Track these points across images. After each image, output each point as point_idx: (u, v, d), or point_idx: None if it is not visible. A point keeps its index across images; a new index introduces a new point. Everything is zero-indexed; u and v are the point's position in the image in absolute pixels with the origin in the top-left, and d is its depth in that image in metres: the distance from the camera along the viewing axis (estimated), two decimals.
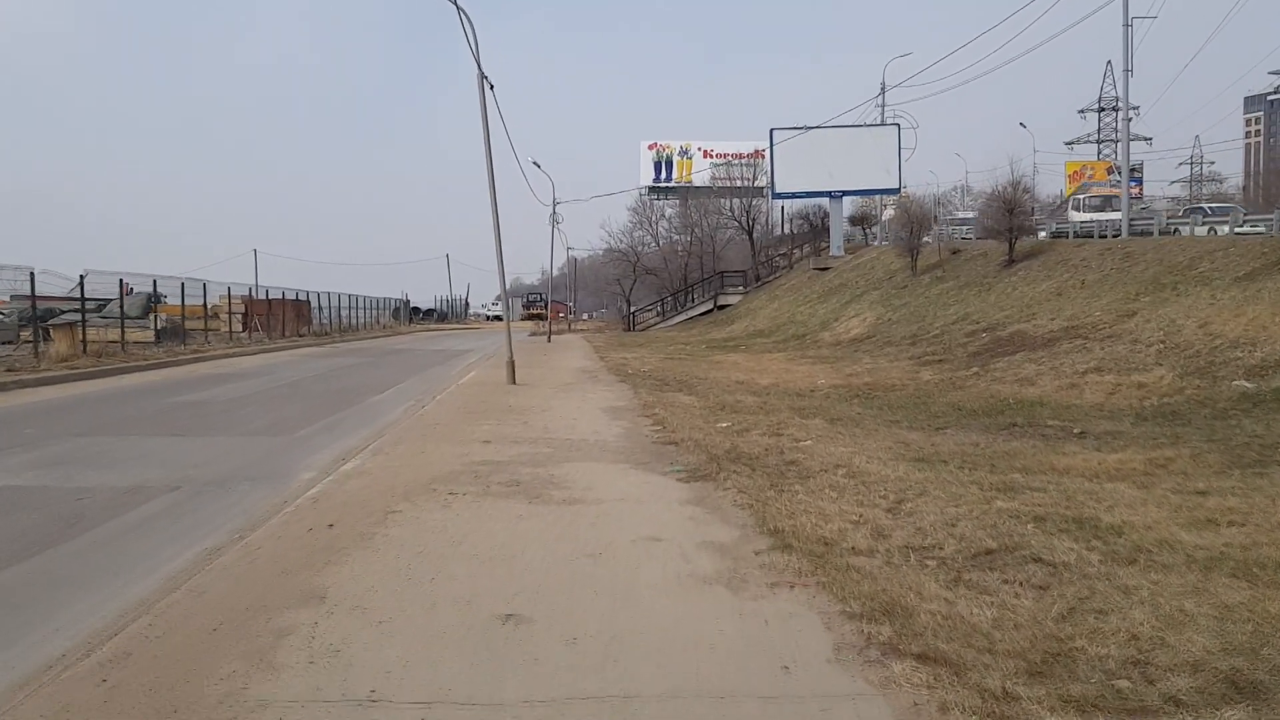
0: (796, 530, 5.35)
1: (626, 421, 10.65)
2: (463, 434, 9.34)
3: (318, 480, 7.08)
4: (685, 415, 11.43)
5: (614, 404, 12.59)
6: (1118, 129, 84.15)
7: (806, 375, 18.73)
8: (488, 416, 10.89)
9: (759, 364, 21.76)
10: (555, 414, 11.29)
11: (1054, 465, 8.15)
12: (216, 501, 6.73)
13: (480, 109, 14.11)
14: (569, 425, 10.18)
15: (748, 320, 38.48)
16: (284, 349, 29.39)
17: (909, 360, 19.62)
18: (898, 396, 14.90)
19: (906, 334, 23.06)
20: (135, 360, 20.30)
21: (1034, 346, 17.41)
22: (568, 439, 9.04)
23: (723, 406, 12.73)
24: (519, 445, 8.56)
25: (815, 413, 12.36)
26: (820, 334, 28.24)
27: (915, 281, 28.61)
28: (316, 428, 10.91)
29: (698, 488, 6.63)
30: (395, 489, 6.44)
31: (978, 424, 11.56)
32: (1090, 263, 22.00)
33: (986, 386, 14.99)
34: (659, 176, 65.97)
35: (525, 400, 12.91)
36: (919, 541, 5.25)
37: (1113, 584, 4.42)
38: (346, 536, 5.09)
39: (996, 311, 21.59)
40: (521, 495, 6.27)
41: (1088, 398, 13.08)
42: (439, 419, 10.70)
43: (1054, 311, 19.54)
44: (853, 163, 41.01)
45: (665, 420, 10.65)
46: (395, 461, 7.65)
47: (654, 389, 15.27)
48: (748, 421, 10.93)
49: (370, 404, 13.65)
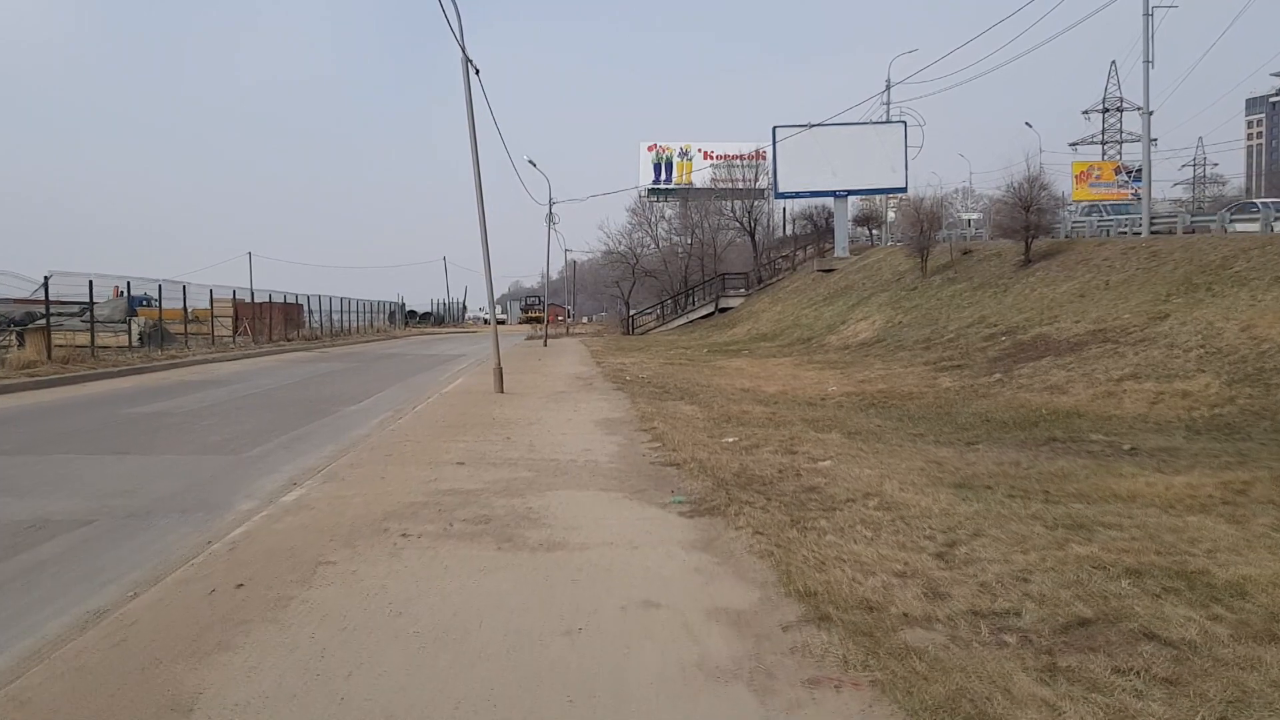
0: (831, 589, 4.23)
1: (622, 437, 9.52)
2: (435, 453, 8.20)
3: (253, 514, 5.96)
4: (687, 429, 10.31)
5: (608, 416, 11.46)
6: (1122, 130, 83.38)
7: (816, 382, 17.60)
8: (467, 431, 9.76)
9: (764, 369, 20.63)
10: (543, 428, 10.17)
11: (1115, 491, 7.02)
12: (129, 541, 5.60)
13: (464, 94, 13.00)
14: (557, 442, 9.05)
15: (750, 323, 37.36)
16: (270, 354, 28.26)
17: (924, 366, 18.49)
18: (917, 406, 13.77)
19: (919, 338, 21.93)
20: (105, 366, 19.16)
21: (1060, 351, 16.29)
22: (553, 459, 7.91)
23: (728, 418, 11.61)
24: (496, 468, 7.43)
25: (830, 425, 11.24)
26: (827, 337, 27.11)
27: (926, 283, 27.48)
28: (277, 443, 9.78)
29: (704, 525, 5.50)
30: (338, 528, 5.32)
31: (1012, 438, 10.44)
32: (1113, 262, 20.88)
33: (1013, 395, 13.86)
34: (658, 178, 64.76)
35: (512, 411, 11.78)
36: (987, 604, 4.13)
37: (1265, 677, 3.30)
38: (255, 603, 3.97)
39: (1015, 314, 20.46)
40: (490, 537, 5.14)
41: (1128, 408, 11.95)
42: (412, 434, 9.57)
43: (1078, 314, 18.42)
44: (858, 161, 39.89)
45: (665, 435, 9.53)
46: (349, 489, 6.52)
47: (653, 398, 14.15)
48: (757, 436, 9.81)
49: (344, 415, 12.53)
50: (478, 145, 13.32)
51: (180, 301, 25.48)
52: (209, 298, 27.61)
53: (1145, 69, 24.78)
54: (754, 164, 53.09)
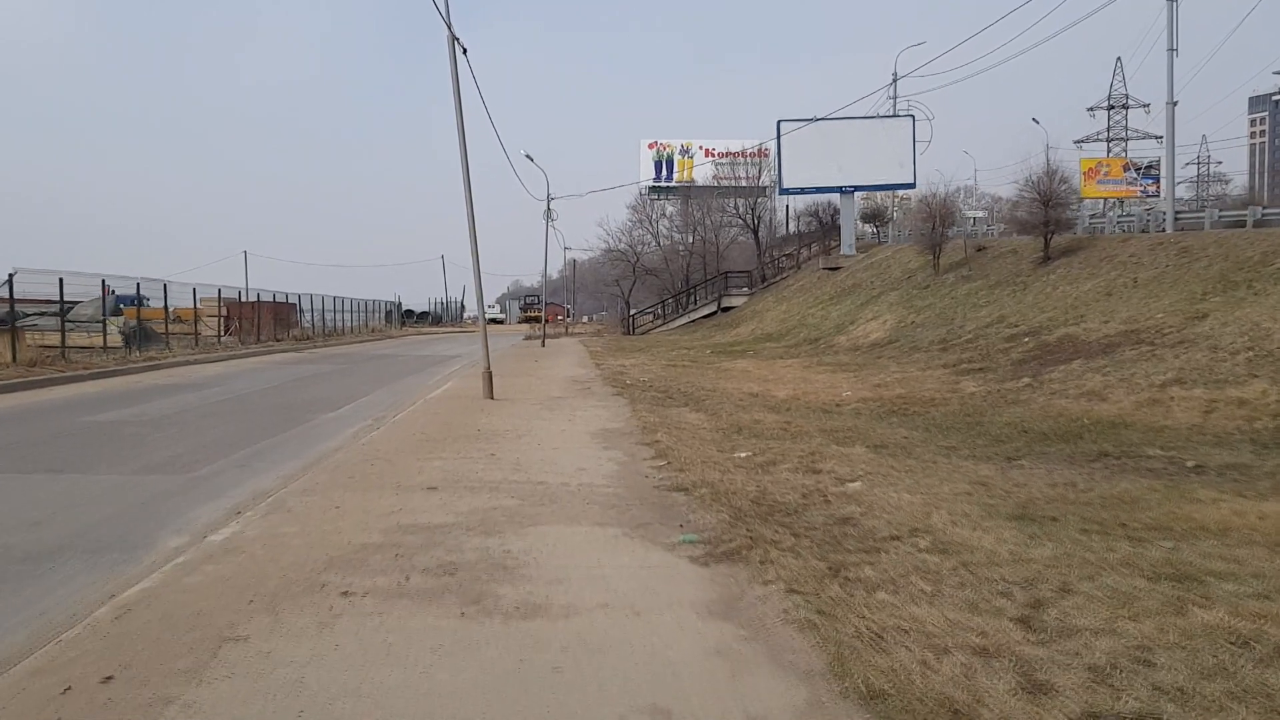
0: (899, 682, 3.16)
1: (621, 452, 8.45)
2: (405, 474, 7.13)
3: (173, 556, 4.90)
4: (694, 441, 9.25)
5: (607, 425, 10.39)
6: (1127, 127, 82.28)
7: (828, 386, 16.53)
8: (447, 446, 8.69)
9: (772, 372, 19.55)
10: (533, 441, 9.10)
11: (1200, 521, 5.96)
12: (8, 598, 4.53)
13: (451, 73, 11.91)
14: (547, 459, 7.98)
15: (754, 323, 36.28)
16: (256, 355, 27.20)
17: (943, 368, 17.42)
18: (942, 414, 12.69)
19: (935, 338, 20.85)
20: (76, 369, 18.10)
21: (1091, 353, 15.21)
22: (542, 482, 6.84)
23: (738, 428, 10.54)
24: (474, 494, 6.36)
25: (852, 436, 10.17)
26: (836, 338, 26.03)
27: (938, 281, 26.40)
28: (234, 459, 8.71)
29: (723, 577, 4.44)
30: (264, 583, 4.25)
31: (1057, 452, 9.37)
32: (1140, 259, 19.80)
33: (1047, 401, 12.78)
34: (659, 176, 63.62)
35: (500, 421, 10.72)
36: (1109, 704, 3.06)
37: None
38: (117, 710, 2.89)
39: (1037, 313, 19.38)
40: (454, 596, 4.08)
41: (1179, 417, 10.87)
42: (385, 449, 8.50)
43: (1106, 313, 17.35)
44: (865, 156, 38.79)
45: (670, 450, 8.46)
46: (293, 524, 5.45)
47: (655, 404, 13.09)
48: (772, 450, 8.75)
49: (317, 424, 11.46)
50: (465, 132, 12.27)
51: (139, 300, 24.31)
52: (193, 296, 26.48)
53: (1169, 58, 23.70)
54: (757, 161, 52.00)
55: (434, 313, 74.22)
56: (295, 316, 38.18)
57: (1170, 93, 23.80)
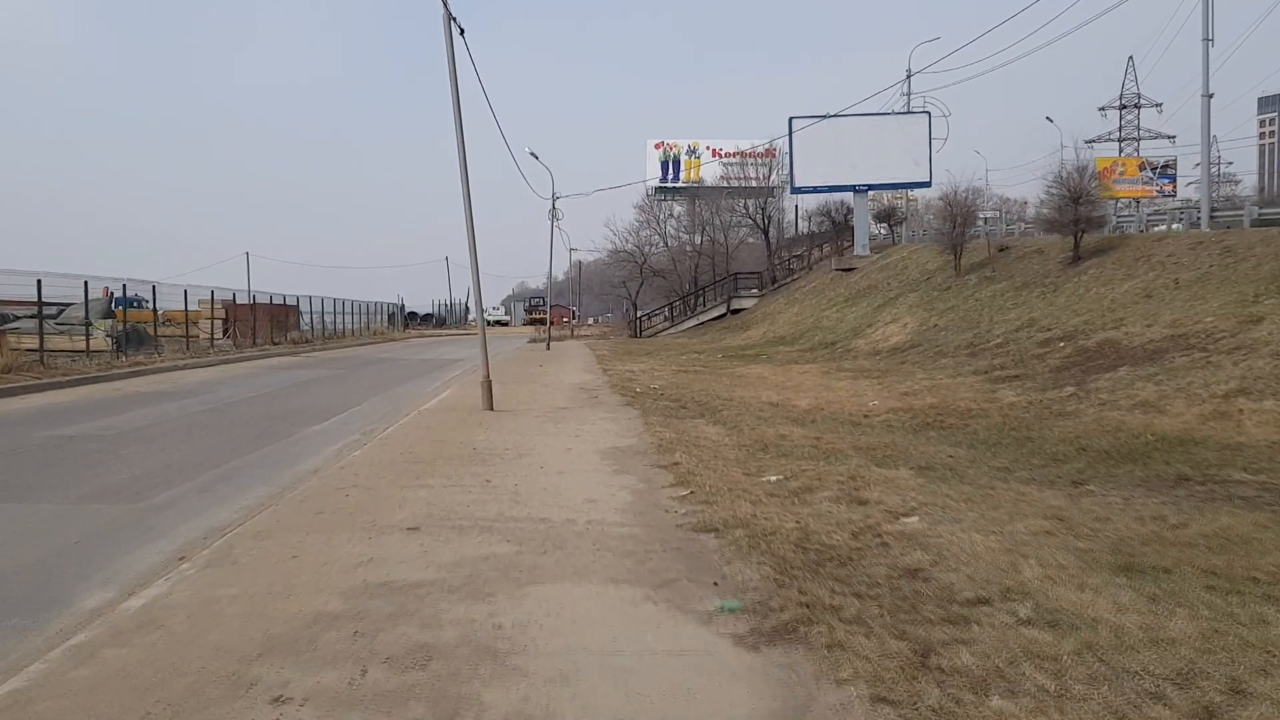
0: None
1: (636, 477, 7.41)
2: (385, 507, 6.09)
3: (78, 629, 3.87)
4: (716, 462, 8.20)
5: (617, 443, 9.34)
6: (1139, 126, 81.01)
7: (852, 394, 15.46)
8: (437, 468, 7.66)
9: (790, 378, 18.49)
10: (535, 462, 8.06)
11: None
12: None
13: (446, 53, 10.88)
14: (551, 486, 6.94)
15: (766, 325, 35.21)
16: (251, 359, 26.22)
17: (974, 375, 16.33)
18: (984, 427, 11.62)
19: (961, 343, 19.75)
20: (54, 376, 17.13)
21: (1136, 360, 14.12)
22: (544, 519, 5.79)
23: (763, 445, 9.49)
24: (463, 537, 5.32)
25: (891, 455, 9.12)
26: (853, 342, 24.94)
27: (960, 282, 25.30)
28: (198, 483, 7.70)
29: (781, 671, 3.38)
30: (172, 682, 3.21)
31: (1127, 475, 8.30)
32: (1180, 259, 18.67)
33: (1098, 413, 11.69)
34: (666, 176, 62.55)
35: (499, 436, 9.68)
36: None
37: None
38: None
39: (1071, 316, 18.28)
40: (422, 707, 3.03)
41: (1253, 433, 9.78)
42: (366, 473, 7.47)
43: (1148, 316, 16.23)
44: (879, 154, 37.64)
45: (691, 475, 7.42)
46: (235, 583, 4.42)
47: (668, 416, 12.05)
48: (806, 473, 7.70)
49: (299, 440, 10.44)
50: (461, 118, 11.25)
51: (125, 303, 23.36)
52: (184, 298, 25.50)
53: (1204, 48, 22.60)
54: (766, 162, 50.92)
55: (438, 315, 73.28)
56: (294, 319, 37.23)
57: (1206, 84, 22.67)
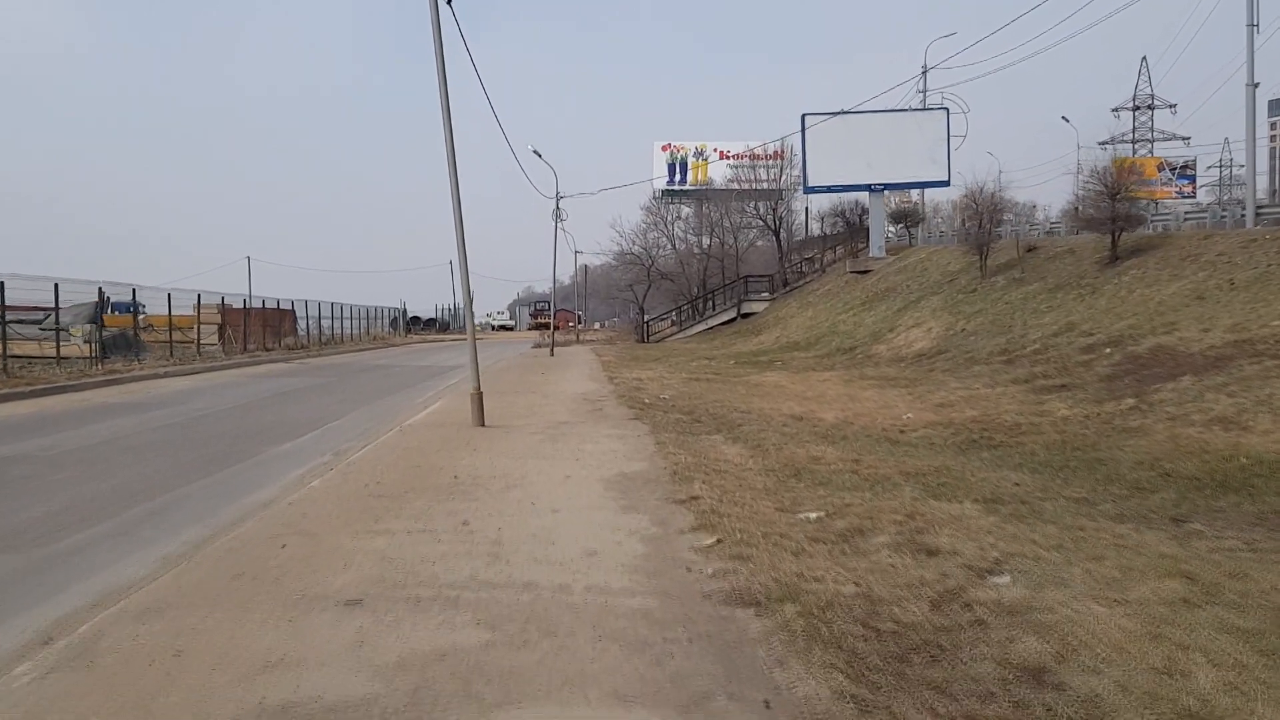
0: None
1: (648, 517, 6.06)
2: (325, 567, 4.76)
3: None
4: (742, 493, 6.86)
5: (625, 468, 7.99)
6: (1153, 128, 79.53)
7: (882, 405, 14.09)
8: (406, 505, 6.33)
9: (810, 387, 17.12)
10: (526, 495, 6.72)
11: None
12: None
13: (431, 19, 9.55)
14: (544, 531, 5.59)
15: (778, 330, 33.83)
16: (240, 366, 24.97)
17: (1013, 384, 14.95)
18: (1041, 445, 10.25)
19: (993, 348, 18.36)
20: (16, 385, 15.87)
21: (1198, 368, 12.72)
22: (530, 584, 4.45)
23: (794, 469, 8.15)
24: (419, 617, 3.98)
25: (946, 483, 7.76)
26: (874, 347, 23.56)
27: (987, 284, 23.90)
28: (120, 522, 6.39)
29: None
30: None
31: (1234, 509, 6.94)
32: (1232, 258, 17.26)
33: (1169, 430, 10.31)
34: (673, 179, 61.32)
35: (487, 459, 8.35)
36: None
37: None
38: None
39: (1114, 320, 16.88)
40: None
41: None
42: (316, 513, 6.14)
43: (1204, 320, 14.83)
44: (895, 152, 36.24)
45: (716, 514, 6.06)
46: (65, 711, 3.08)
47: (682, 431, 10.71)
48: (852, 508, 6.35)
49: (259, 463, 9.12)
50: (448, 94, 9.92)
51: (102, 307, 22.15)
52: (167, 303, 24.25)
53: (1250, 34, 21.17)
54: (778, 163, 49.60)
55: (441, 319, 72.07)
56: (290, 324, 36.01)
57: (1251, 74, 21.26)
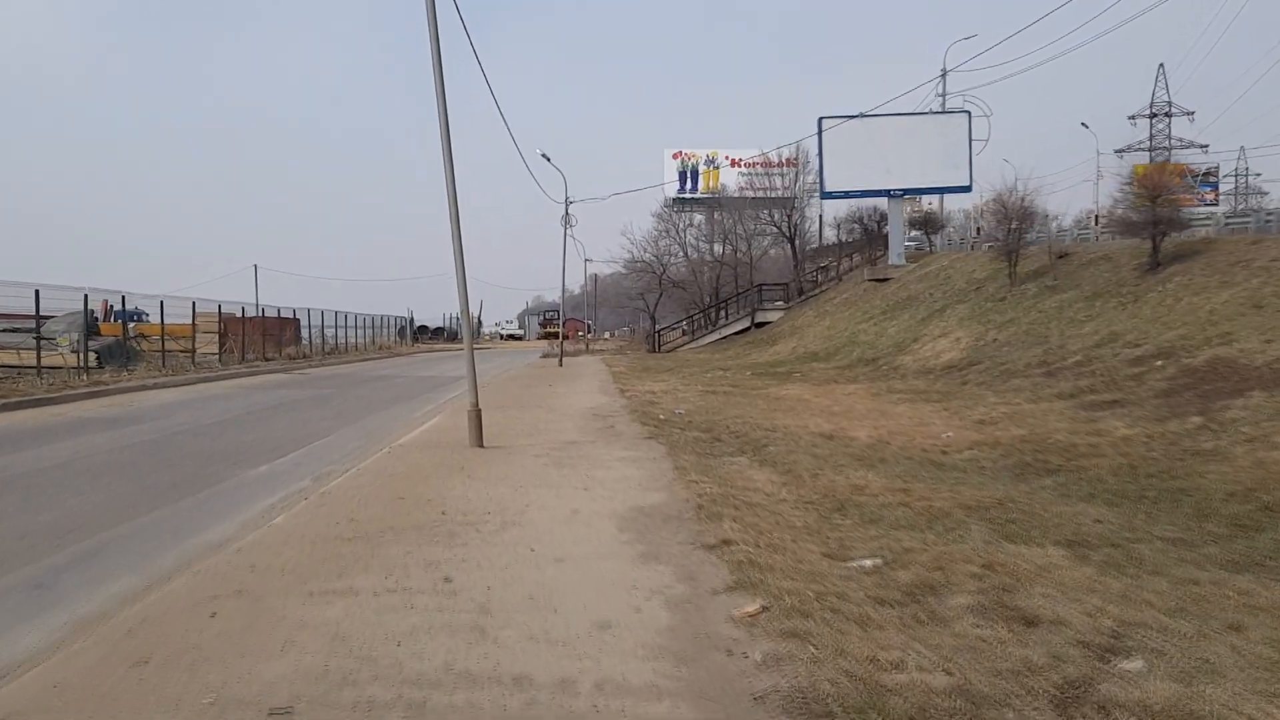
0: None
1: (671, 568, 4.97)
2: (254, 652, 3.68)
3: None
4: (781, 533, 5.78)
5: (641, 500, 6.91)
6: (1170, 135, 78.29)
7: (917, 422, 12.96)
8: (380, 550, 5.26)
9: (836, 401, 16.00)
10: (525, 538, 5.64)
11: None
12: None
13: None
14: (543, 591, 4.51)
15: (794, 340, 32.70)
16: (236, 376, 24.01)
17: (1058, 399, 13.80)
18: (1105, 471, 9.12)
19: (1030, 360, 17.21)
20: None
21: (1267, 383, 11.57)
22: (518, 682, 3.36)
23: (836, 502, 7.06)
24: None
25: (1015, 519, 6.65)
26: (898, 358, 22.42)
27: (1017, 292, 22.74)
28: (39, 569, 5.35)
29: None
30: None
31: None
32: None
33: (1252, 454, 9.15)
34: (684, 187, 60.39)
35: (481, 489, 7.28)
36: None
37: None
38: None
39: (1162, 330, 15.71)
40: None
41: None
42: (271, 562, 5.07)
43: (1265, 330, 13.66)
44: (914, 156, 35.17)
45: (754, 563, 4.98)
46: None
47: (703, 453, 9.63)
48: (912, 554, 5.26)
49: (229, 489, 8.08)
50: (443, 80, 8.89)
51: (86, 314, 21.23)
52: (159, 310, 23.33)
53: None
54: (793, 168, 48.53)
55: (450, 328, 71.15)
56: (293, 333, 35.13)
57: None
